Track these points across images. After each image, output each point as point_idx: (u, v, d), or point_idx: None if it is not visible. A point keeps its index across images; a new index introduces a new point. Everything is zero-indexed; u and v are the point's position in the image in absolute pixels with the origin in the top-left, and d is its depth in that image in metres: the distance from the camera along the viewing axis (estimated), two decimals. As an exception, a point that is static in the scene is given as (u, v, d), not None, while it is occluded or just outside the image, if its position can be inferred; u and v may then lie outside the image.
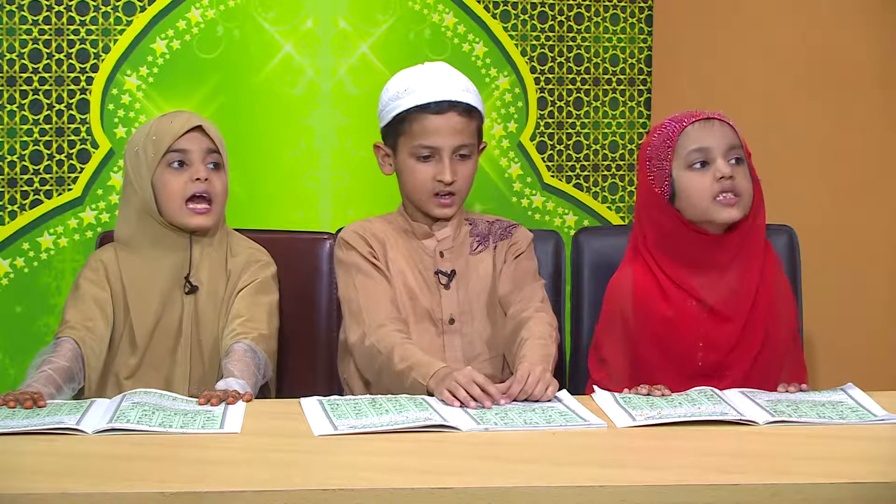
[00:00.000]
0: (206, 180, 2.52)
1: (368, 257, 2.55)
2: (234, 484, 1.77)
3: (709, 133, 2.42)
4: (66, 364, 2.41)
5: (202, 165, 2.53)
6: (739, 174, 2.42)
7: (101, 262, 2.59)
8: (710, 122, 2.43)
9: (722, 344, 2.44)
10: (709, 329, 2.44)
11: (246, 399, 2.22)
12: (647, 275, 2.47)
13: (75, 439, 1.98)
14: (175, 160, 2.53)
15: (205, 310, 2.56)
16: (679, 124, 2.43)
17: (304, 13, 3.32)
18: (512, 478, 1.81)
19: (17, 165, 3.20)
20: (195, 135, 2.54)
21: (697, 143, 2.41)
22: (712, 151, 2.41)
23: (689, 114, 2.45)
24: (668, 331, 2.44)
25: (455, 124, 2.52)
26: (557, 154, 3.54)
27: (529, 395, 2.21)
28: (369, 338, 2.44)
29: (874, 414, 2.15)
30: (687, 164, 2.42)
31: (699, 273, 2.45)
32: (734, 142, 2.43)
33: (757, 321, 2.44)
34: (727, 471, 1.84)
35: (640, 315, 2.46)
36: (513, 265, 2.60)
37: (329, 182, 3.36)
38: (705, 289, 2.44)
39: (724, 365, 2.44)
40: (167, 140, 2.52)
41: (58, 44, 3.21)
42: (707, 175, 2.40)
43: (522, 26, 3.48)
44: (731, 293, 2.44)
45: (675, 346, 2.44)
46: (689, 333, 2.44)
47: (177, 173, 2.53)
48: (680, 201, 2.43)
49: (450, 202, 2.56)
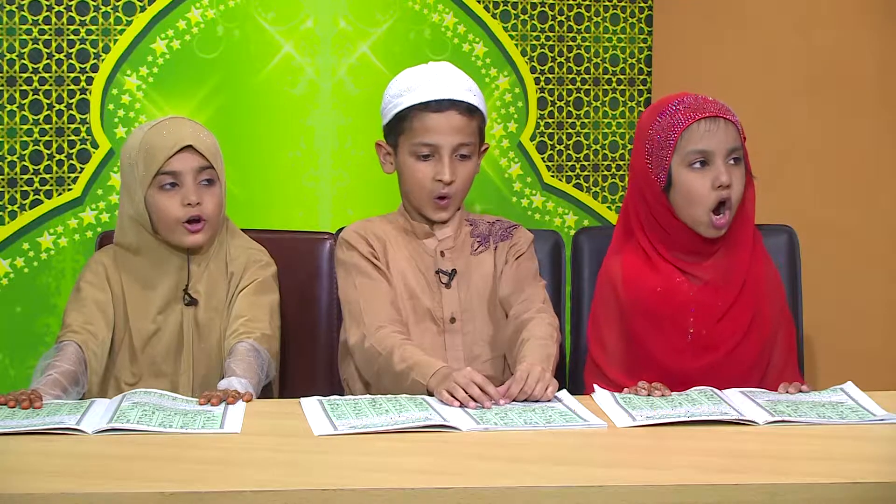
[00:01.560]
0: (197, 204, 2.51)
1: (369, 258, 2.55)
2: (234, 484, 1.77)
3: (713, 135, 2.42)
4: (72, 368, 2.41)
5: (194, 187, 2.51)
6: (736, 177, 2.44)
7: (102, 264, 2.59)
8: (715, 121, 2.43)
9: (713, 311, 2.45)
10: (699, 297, 2.46)
11: (246, 399, 2.22)
12: (637, 253, 2.50)
13: (75, 439, 1.98)
14: (166, 182, 2.51)
15: (206, 319, 2.56)
16: (684, 118, 2.43)
17: (304, 13, 3.32)
18: (512, 478, 1.81)
19: (17, 165, 3.20)
20: (186, 154, 2.51)
21: (700, 144, 2.42)
22: (714, 155, 2.42)
23: (696, 106, 2.44)
24: (659, 302, 2.46)
25: (455, 123, 2.52)
26: (557, 154, 3.54)
27: (529, 395, 2.21)
28: (369, 339, 2.44)
29: (874, 414, 2.15)
30: (687, 163, 2.43)
31: (688, 254, 2.49)
32: (736, 143, 2.44)
33: (748, 296, 2.46)
34: (727, 471, 1.84)
35: (631, 290, 2.48)
36: (514, 266, 2.60)
37: (329, 182, 3.36)
38: (694, 266, 2.48)
39: (715, 337, 2.44)
40: (158, 160, 2.49)
41: (58, 44, 3.21)
42: (706, 177, 2.42)
43: (522, 26, 3.47)
44: (721, 268, 2.47)
45: (665, 317, 2.45)
46: (680, 302, 2.46)
47: (169, 195, 2.51)
48: (675, 195, 2.45)
49: (446, 204, 2.56)
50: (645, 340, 2.46)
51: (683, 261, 2.48)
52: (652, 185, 2.47)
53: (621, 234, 2.57)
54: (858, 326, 3.41)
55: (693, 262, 2.49)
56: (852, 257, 3.44)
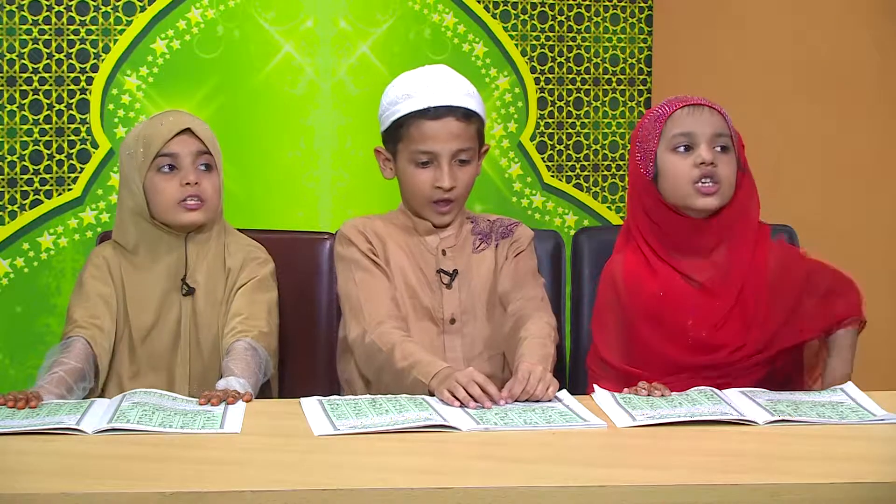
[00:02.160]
0: (196, 184, 2.52)
1: (368, 254, 2.55)
2: (234, 484, 1.77)
3: (696, 119, 2.45)
4: (79, 365, 2.41)
5: (192, 169, 2.53)
6: (723, 162, 2.44)
7: (104, 258, 2.59)
8: (699, 108, 2.46)
9: (711, 320, 2.44)
10: (698, 304, 2.45)
11: (246, 399, 2.22)
12: (637, 254, 2.50)
13: (75, 439, 1.98)
14: (165, 164, 2.52)
15: (203, 311, 2.56)
16: (669, 108, 2.47)
17: (304, 13, 3.32)
18: (512, 478, 1.81)
19: (17, 165, 3.20)
20: (185, 137, 2.53)
21: (683, 127, 2.45)
22: (697, 137, 2.44)
23: (681, 99, 2.49)
24: (658, 306, 2.45)
25: (453, 129, 2.52)
26: (557, 154, 3.54)
27: (530, 395, 2.21)
28: (370, 335, 2.44)
29: (874, 414, 2.15)
30: (671, 147, 2.45)
31: (686, 255, 2.48)
32: (721, 129, 2.45)
33: (748, 301, 2.45)
34: (727, 471, 1.84)
35: (632, 294, 2.48)
36: (513, 263, 2.59)
37: (329, 182, 3.36)
38: (693, 269, 2.47)
39: (716, 340, 2.44)
40: (156, 144, 2.51)
41: (58, 44, 3.21)
42: (689, 159, 2.44)
43: (522, 26, 3.48)
44: (719, 272, 2.46)
45: (665, 321, 2.45)
46: (679, 307, 2.45)
47: (167, 177, 2.52)
48: (663, 182, 2.46)
49: (448, 209, 2.56)
50: (647, 346, 2.46)
51: (681, 261, 2.48)
52: (641, 179, 2.48)
53: (623, 235, 2.57)
54: (858, 326, 3.41)
55: (691, 262, 2.48)
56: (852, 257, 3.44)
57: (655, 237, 2.49)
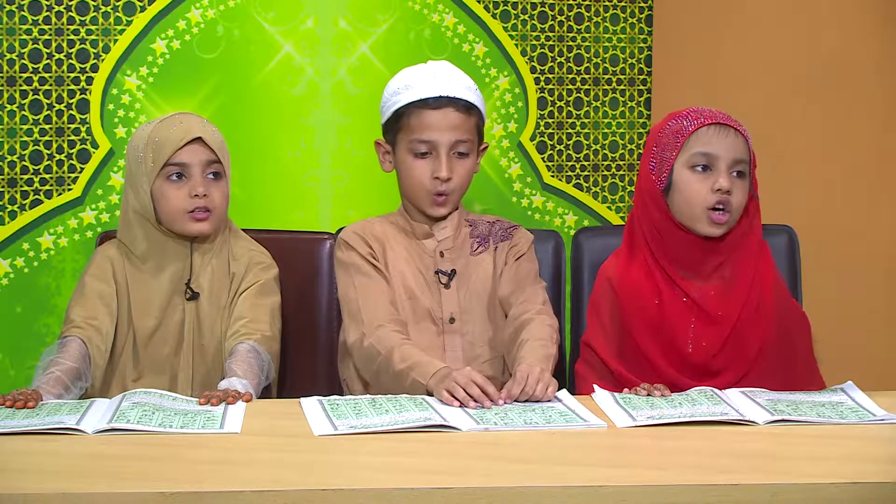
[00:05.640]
0: (204, 196, 2.52)
1: (368, 258, 2.55)
2: (234, 484, 1.77)
3: (720, 141, 2.42)
4: (75, 365, 2.41)
5: (201, 179, 2.52)
6: (737, 188, 2.42)
7: (108, 257, 2.59)
8: (725, 129, 2.43)
9: (709, 345, 2.43)
10: (697, 328, 2.44)
11: (246, 399, 2.22)
12: (640, 261, 2.48)
13: (75, 439, 1.98)
14: (174, 173, 2.52)
15: (206, 315, 2.56)
16: (695, 122, 2.43)
17: (304, 13, 3.32)
18: (512, 478, 1.81)
19: (17, 165, 3.20)
20: (195, 146, 2.52)
21: (706, 147, 2.42)
22: (718, 160, 2.41)
23: (708, 114, 2.44)
24: (659, 319, 2.44)
25: (452, 120, 2.53)
26: (557, 154, 3.54)
27: (530, 396, 2.21)
28: (368, 338, 2.44)
29: (874, 414, 2.15)
30: (690, 164, 2.43)
31: (689, 271, 2.46)
32: (742, 155, 2.43)
33: (745, 325, 2.44)
34: (727, 471, 1.84)
35: (632, 304, 2.46)
36: (513, 267, 2.60)
37: (329, 182, 3.36)
38: (693, 289, 2.45)
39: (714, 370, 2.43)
40: (166, 152, 2.50)
41: (58, 44, 3.21)
42: (706, 182, 2.41)
43: (522, 26, 3.48)
44: (720, 297, 2.44)
45: (665, 335, 2.44)
46: (678, 326, 2.44)
47: (176, 186, 2.52)
48: (674, 195, 2.44)
49: (443, 201, 2.56)
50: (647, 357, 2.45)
51: (683, 279, 2.45)
52: (652, 188, 2.46)
53: (628, 236, 2.55)
54: (858, 326, 3.41)
55: (692, 281, 2.45)
56: (852, 257, 3.44)
57: (660, 248, 2.47)
